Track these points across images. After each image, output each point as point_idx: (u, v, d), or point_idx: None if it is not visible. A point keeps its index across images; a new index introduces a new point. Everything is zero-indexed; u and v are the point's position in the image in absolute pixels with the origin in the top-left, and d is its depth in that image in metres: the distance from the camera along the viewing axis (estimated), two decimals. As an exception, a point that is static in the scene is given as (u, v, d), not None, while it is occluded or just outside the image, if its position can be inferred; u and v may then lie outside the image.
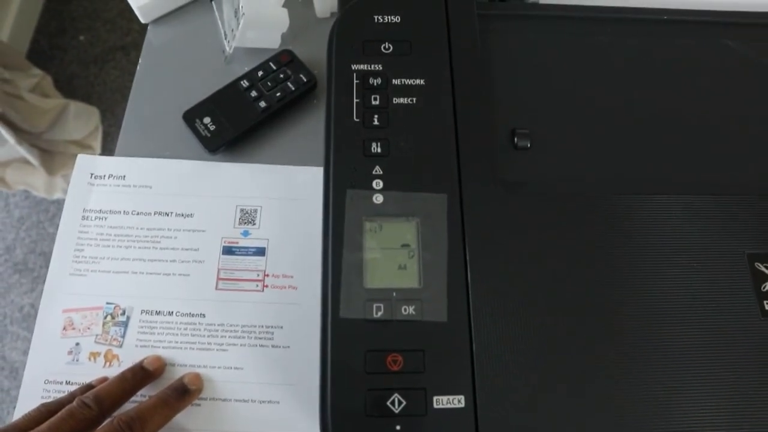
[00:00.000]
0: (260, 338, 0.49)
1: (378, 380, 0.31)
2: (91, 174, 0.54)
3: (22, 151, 1.24)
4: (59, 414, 0.40)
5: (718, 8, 0.43)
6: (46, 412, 0.42)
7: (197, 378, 0.47)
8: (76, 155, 0.54)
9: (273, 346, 0.49)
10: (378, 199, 0.34)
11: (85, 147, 1.38)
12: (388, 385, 0.31)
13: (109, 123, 1.47)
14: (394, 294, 0.32)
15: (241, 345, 0.49)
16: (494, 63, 0.39)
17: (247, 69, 0.56)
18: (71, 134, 1.35)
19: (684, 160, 0.38)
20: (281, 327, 0.49)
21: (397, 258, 0.33)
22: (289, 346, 0.49)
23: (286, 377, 0.48)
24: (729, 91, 0.40)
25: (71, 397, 0.43)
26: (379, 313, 0.32)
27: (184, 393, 0.45)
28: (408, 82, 0.37)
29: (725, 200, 0.36)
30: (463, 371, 0.31)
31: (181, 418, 0.46)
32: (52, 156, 1.34)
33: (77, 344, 0.48)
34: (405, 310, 0.32)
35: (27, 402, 0.47)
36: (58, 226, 0.52)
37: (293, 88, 0.55)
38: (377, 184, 0.34)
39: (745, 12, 0.43)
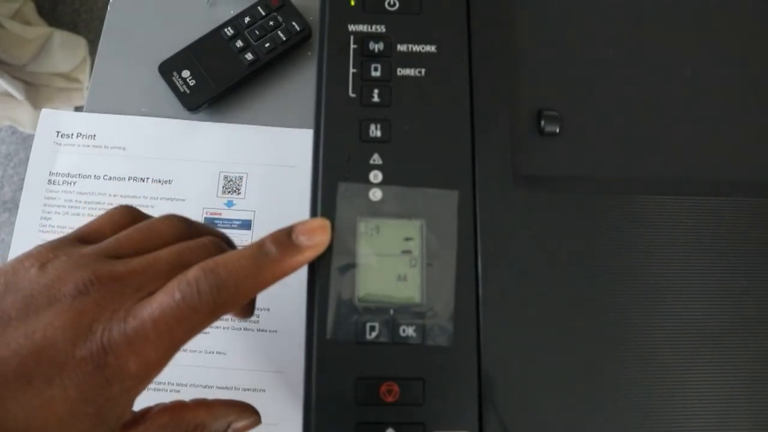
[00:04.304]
0: (245, 321, 0.45)
1: (369, 413, 0.26)
2: (57, 132, 0.48)
3: (4, 85, 1.17)
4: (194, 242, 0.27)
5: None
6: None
7: (320, 228, 0.28)
8: (63, 89, 0.48)
9: (259, 330, 0.45)
10: (376, 194, 0.29)
11: (72, 80, 1.30)
12: (380, 418, 0.26)
13: (97, 55, 1.38)
14: (391, 311, 0.27)
15: (224, 328, 0.45)
16: (520, 28, 0.33)
17: (233, 13, 0.49)
18: (57, 66, 1.27)
19: (744, 151, 0.32)
20: (268, 309, 0.45)
21: (396, 266, 0.28)
22: (276, 330, 0.45)
23: (272, 364, 0.44)
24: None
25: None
26: (373, 334, 0.27)
27: (289, 247, 0.27)
28: (416, 48, 0.31)
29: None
30: (469, 405, 0.27)
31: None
32: (38, 89, 1.26)
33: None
34: (403, 330, 0.27)
35: None
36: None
37: (284, 38, 0.48)
38: (375, 176, 0.29)
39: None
